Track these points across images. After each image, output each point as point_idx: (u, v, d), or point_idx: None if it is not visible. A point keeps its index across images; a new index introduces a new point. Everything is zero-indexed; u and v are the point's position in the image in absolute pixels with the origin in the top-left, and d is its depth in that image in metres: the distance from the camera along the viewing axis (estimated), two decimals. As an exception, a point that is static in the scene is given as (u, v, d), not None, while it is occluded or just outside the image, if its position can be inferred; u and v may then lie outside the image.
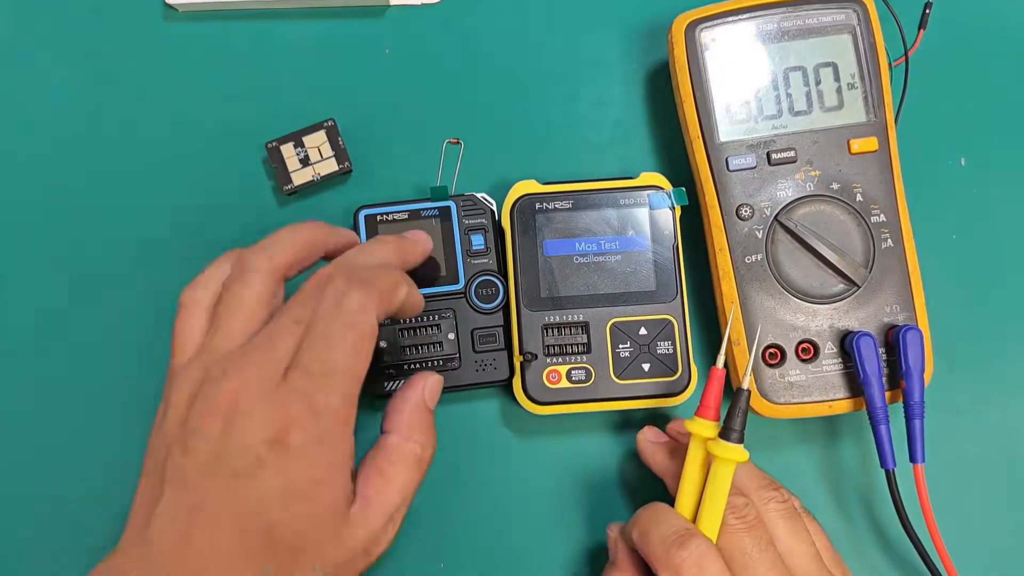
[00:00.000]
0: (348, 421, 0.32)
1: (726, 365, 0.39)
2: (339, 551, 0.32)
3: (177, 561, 0.30)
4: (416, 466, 0.35)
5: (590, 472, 0.44)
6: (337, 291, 0.33)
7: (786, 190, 0.42)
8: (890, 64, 0.46)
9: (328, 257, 0.38)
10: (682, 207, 0.43)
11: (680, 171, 0.46)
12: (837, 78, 0.43)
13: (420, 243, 0.40)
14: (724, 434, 0.36)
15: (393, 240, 0.38)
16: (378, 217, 0.44)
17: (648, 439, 0.41)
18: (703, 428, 0.37)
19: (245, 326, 0.34)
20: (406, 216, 0.44)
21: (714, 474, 0.36)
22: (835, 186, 0.42)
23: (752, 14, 0.43)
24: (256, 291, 0.34)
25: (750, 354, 0.39)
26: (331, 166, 0.46)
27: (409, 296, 0.36)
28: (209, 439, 0.31)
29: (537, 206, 0.43)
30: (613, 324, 0.42)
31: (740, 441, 0.36)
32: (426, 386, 0.37)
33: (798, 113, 0.43)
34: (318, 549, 0.32)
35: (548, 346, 0.42)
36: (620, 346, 0.42)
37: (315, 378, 0.32)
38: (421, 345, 0.42)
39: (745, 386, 0.36)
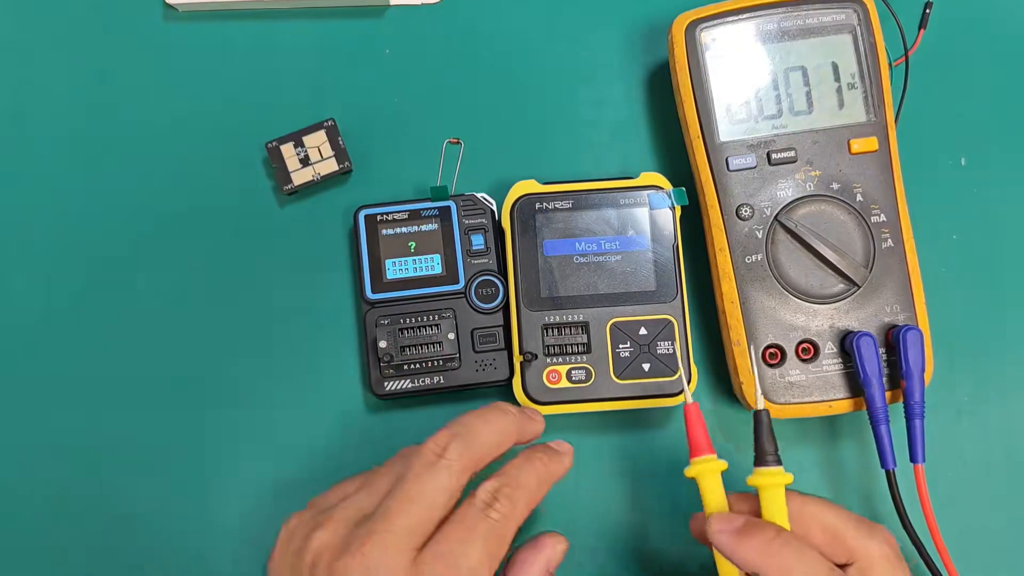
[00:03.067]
0: None
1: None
2: None
3: None
4: None
5: (590, 472, 0.44)
6: (489, 494, 0.34)
7: (786, 190, 0.42)
8: (890, 64, 0.46)
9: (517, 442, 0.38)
10: (682, 207, 0.43)
11: (680, 171, 0.46)
12: (837, 78, 0.43)
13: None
14: (760, 460, 0.35)
15: (511, 411, 0.37)
16: (378, 217, 0.44)
17: (723, 530, 0.35)
18: (711, 464, 0.36)
19: (412, 518, 0.33)
20: (406, 216, 0.44)
21: (767, 504, 0.35)
22: (835, 186, 0.42)
23: (752, 14, 0.43)
24: (440, 485, 0.34)
25: (753, 366, 0.39)
26: (331, 166, 0.46)
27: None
28: None
29: (537, 206, 0.43)
30: (613, 324, 0.42)
31: (779, 463, 0.35)
32: (554, 553, 0.37)
33: (798, 113, 0.43)
34: None
35: (548, 346, 0.42)
36: (620, 346, 0.42)
37: (447, 570, 0.32)
38: (421, 345, 0.42)
39: (760, 406, 0.35)
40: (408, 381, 0.43)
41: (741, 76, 0.43)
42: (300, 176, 0.46)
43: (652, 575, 0.43)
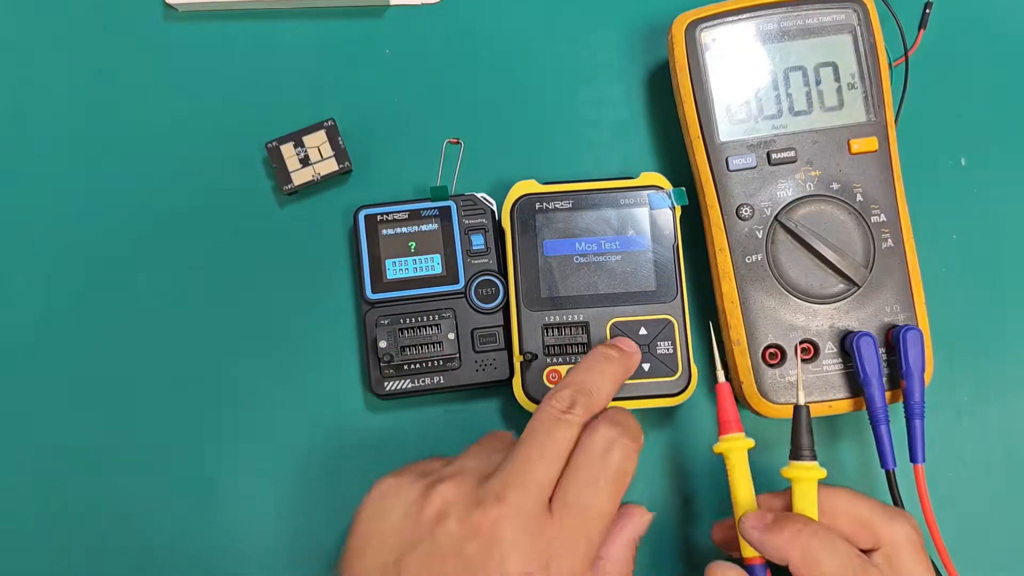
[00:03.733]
0: (594, 558, 0.34)
1: (725, 368, 0.39)
2: None
3: None
4: None
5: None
6: (606, 439, 0.35)
7: (786, 190, 0.42)
8: (890, 64, 0.46)
9: None
10: (682, 207, 0.43)
11: (680, 171, 0.46)
12: (837, 78, 0.43)
13: (637, 355, 0.41)
14: (796, 454, 0.36)
15: (619, 358, 0.39)
16: (378, 217, 0.44)
17: (754, 526, 0.36)
18: (739, 442, 0.38)
19: (546, 470, 0.34)
20: (406, 216, 0.44)
21: (799, 497, 0.36)
22: (835, 186, 0.42)
23: (752, 14, 0.43)
24: (567, 438, 0.35)
25: (797, 362, 0.40)
26: (331, 166, 0.46)
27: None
28: (464, 556, 0.32)
29: (537, 206, 0.43)
30: (613, 324, 0.42)
31: (814, 458, 0.36)
32: (642, 521, 0.37)
33: (798, 113, 0.43)
34: None
35: (548, 346, 0.42)
36: (620, 346, 0.42)
37: (581, 520, 0.33)
38: (421, 345, 0.42)
39: (801, 402, 0.37)
40: (408, 381, 0.43)
41: (741, 76, 0.43)
42: (300, 176, 0.46)
43: (653, 573, 0.43)
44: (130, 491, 0.44)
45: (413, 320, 0.42)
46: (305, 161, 0.46)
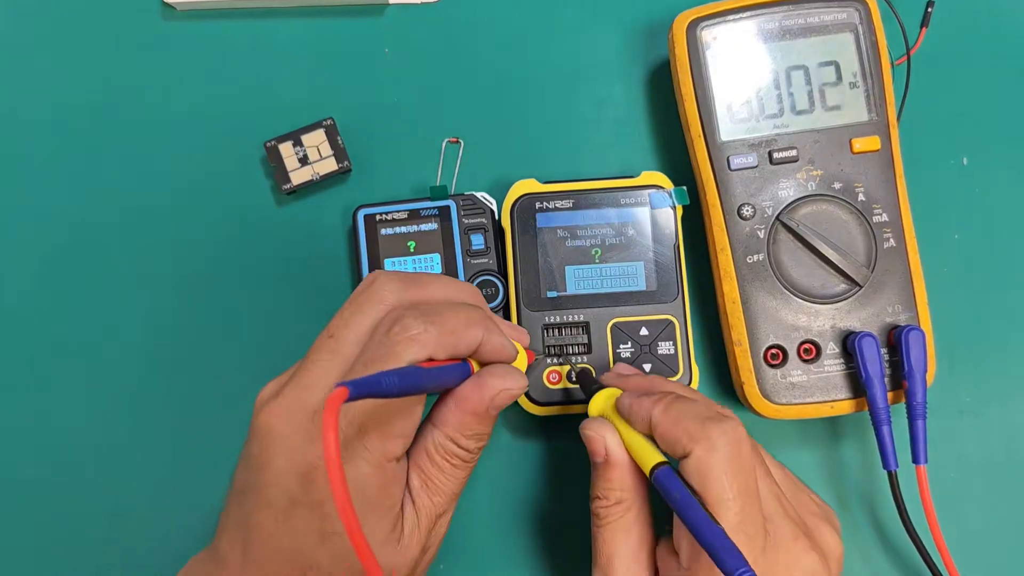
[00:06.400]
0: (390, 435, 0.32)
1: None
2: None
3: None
4: (464, 467, 0.34)
5: (590, 473, 0.44)
6: (395, 322, 0.31)
7: (788, 189, 0.42)
8: (892, 63, 0.46)
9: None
10: (683, 206, 0.43)
11: (681, 170, 0.45)
12: (839, 77, 0.43)
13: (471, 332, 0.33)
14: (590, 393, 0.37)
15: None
16: (377, 216, 0.44)
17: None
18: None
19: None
20: (406, 215, 0.44)
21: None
22: (837, 185, 0.42)
23: (753, 12, 0.43)
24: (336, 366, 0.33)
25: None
26: (330, 165, 0.46)
27: (487, 342, 0.33)
28: (248, 467, 0.31)
29: (537, 205, 0.43)
30: (614, 324, 0.42)
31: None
32: (494, 389, 0.33)
33: (800, 112, 0.43)
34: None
35: (548, 346, 0.42)
36: (621, 346, 0.42)
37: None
38: (421, 345, 0.42)
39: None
40: (408, 381, 0.43)
41: (742, 75, 0.43)
42: (299, 175, 0.45)
43: None
44: (129, 491, 0.44)
45: (413, 320, 0.42)
46: (304, 160, 0.45)
